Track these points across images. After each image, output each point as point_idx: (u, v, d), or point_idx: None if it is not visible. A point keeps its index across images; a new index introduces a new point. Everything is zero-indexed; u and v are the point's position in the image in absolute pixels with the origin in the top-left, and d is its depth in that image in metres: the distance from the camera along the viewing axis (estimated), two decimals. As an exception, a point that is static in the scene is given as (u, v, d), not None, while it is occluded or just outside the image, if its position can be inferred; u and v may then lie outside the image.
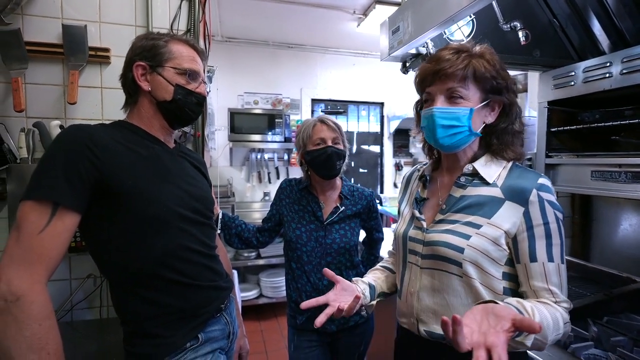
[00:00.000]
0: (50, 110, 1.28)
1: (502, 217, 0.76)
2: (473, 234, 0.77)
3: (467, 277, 0.77)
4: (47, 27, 1.26)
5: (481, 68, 0.77)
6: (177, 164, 0.94)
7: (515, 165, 0.83)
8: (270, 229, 1.41)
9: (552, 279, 0.74)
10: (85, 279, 1.33)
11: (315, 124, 1.30)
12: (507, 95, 0.81)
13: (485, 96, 0.79)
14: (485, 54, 0.80)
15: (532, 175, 0.79)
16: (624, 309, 1.28)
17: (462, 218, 0.79)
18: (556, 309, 0.73)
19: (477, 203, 0.79)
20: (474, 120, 0.79)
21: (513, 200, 0.76)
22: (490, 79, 0.78)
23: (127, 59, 0.91)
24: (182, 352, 0.87)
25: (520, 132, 0.84)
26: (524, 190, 0.76)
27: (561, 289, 0.76)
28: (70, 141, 0.76)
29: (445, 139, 0.79)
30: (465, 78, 0.77)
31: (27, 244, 0.68)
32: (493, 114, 0.81)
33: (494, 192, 0.78)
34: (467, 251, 0.76)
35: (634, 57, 1.17)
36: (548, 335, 0.68)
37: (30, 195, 0.71)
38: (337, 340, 1.32)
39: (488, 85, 0.78)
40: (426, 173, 0.93)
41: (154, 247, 0.83)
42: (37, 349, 0.66)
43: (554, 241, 0.75)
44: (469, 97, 0.78)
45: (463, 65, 0.77)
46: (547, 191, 0.76)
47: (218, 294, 0.97)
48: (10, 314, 0.65)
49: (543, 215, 0.74)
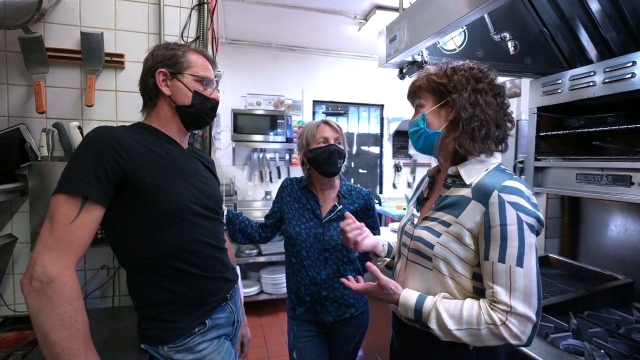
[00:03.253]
0: (69, 112, 1.36)
1: (466, 216, 0.80)
2: (443, 232, 0.83)
3: (438, 272, 0.83)
4: (67, 34, 1.35)
5: (428, 79, 0.89)
6: (190, 164, 1.02)
7: (497, 167, 0.84)
8: (272, 225, 1.49)
9: (499, 280, 0.74)
10: (99, 270, 1.41)
11: (320, 124, 1.39)
12: (455, 91, 0.85)
13: (437, 99, 0.89)
14: (439, 65, 0.91)
15: (503, 177, 0.79)
16: (604, 304, 1.35)
17: (440, 216, 0.85)
18: (478, 307, 0.75)
19: (454, 202, 0.84)
20: (430, 122, 0.89)
21: (477, 199, 0.79)
22: (437, 85, 0.88)
23: (148, 66, 0.98)
24: (190, 336, 0.95)
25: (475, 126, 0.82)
26: (487, 190, 0.78)
27: (511, 291, 0.73)
28: (97, 142, 0.84)
29: (415, 143, 0.94)
30: (416, 91, 0.93)
31: (59, 233, 0.76)
32: (453, 111, 0.86)
33: (467, 193, 0.82)
34: (436, 248, 0.83)
35: (615, 67, 1.24)
36: (449, 325, 0.76)
37: (62, 189, 0.78)
38: (334, 330, 1.40)
39: (437, 91, 0.88)
40: (429, 175, 1.02)
41: (169, 239, 0.91)
42: (68, 325, 0.74)
43: (510, 243, 0.74)
44: (424, 104, 0.91)
45: (417, 82, 0.93)
46: (510, 192, 0.76)
47: (225, 284, 1.05)
48: (45, 294, 0.73)
49: (502, 217, 0.75)
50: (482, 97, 0.84)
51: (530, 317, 0.73)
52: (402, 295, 0.86)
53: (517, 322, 0.73)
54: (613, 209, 1.72)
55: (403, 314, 0.87)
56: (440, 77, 0.87)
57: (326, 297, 1.34)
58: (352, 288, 0.93)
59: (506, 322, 0.73)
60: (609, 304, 1.35)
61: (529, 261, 0.74)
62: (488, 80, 0.86)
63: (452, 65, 0.89)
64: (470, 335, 0.76)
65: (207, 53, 1.06)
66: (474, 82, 0.85)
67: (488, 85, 0.85)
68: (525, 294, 0.73)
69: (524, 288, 0.73)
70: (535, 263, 0.76)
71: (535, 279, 0.75)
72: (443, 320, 0.77)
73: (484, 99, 0.84)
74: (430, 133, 0.89)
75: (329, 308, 1.35)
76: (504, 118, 0.86)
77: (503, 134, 0.86)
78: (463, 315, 0.76)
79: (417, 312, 0.82)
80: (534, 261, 0.75)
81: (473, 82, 0.85)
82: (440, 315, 0.78)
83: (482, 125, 0.82)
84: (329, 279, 1.35)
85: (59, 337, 0.73)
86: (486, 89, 0.85)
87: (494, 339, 0.74)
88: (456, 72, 0.86)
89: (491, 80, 0.86)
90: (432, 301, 0.81)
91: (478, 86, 0.84)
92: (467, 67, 0.87)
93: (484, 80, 0.85)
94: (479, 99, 0.83)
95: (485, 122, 0.83)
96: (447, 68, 0.88)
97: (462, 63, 0.89)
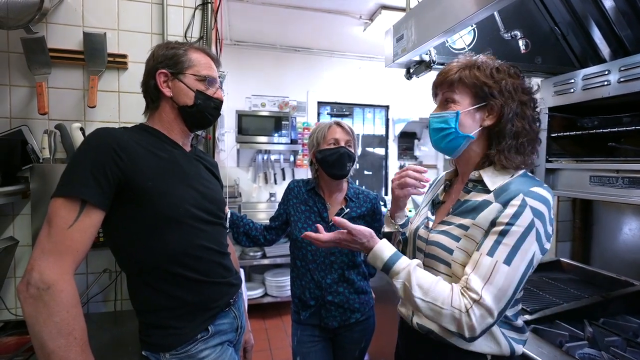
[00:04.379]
0: (71, 113, 1.35)
1: (483, 217, 0.77)
2: (462, 236, 0.79)
3: (457, 278, 0.79)
4: (69, 35, 1.33)
5: (470, 75, 0.82)
6: (193, 167, 1.00)
7: (525, 173, 0.81)
8: (277, 228, 1.46)
9: (479, 270, 0.72)
10: (101, 274, 1.39)
11: (331, 125, 1.37)
12: (502, 98, 0.80)
13: (477, 100, 0.82)
14: (480, 62, 0.84)
15: (531, 182, 0.77)
16: (620, 311, 1.31)
17: (457, 220, 0.82)
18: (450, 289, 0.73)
19: (474, 207, 0.80)
20: (462, 123, 0.82)
21: (497, 201, 0.76)
22: (481, 84, 0.80)
23: (149, 67, 0.96)
24: (193, 343, 0.92)
25: (521, 137, 0.80)
26: (511, 192, 0.75)
27: (486, 283, 0.71)
28: (98, 144, 0.81)
29: (437, 141, 0.86)
30: (453, 83, 0.83)
31: (57, 238, 0.74)
32: (491, 117, 0.82)
33: (488, 197, 0.79)
34: (455, 253, 0.79)
35: (631, 66, 1.20)
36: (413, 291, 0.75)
37: (61, 192, 0.76)
38: (339, 336, 1.36)
39: (479, 91, 0.81)
40: (446, 178, 0.98)
41: (170, 244, 0.89)
42: (65, 333, 0.72)
43: (507, 241, 0.71)
44: (459, 101, 0.83)
45: (453, 73, 0.83)
46: (535, 198, 0.73)
47: (228, 289, 1.02)
48: (41, 301, 0.71)
49: (514, 217, 0.72)
50: (528, 110, 0.81)
51: (492, 313, 0.70)
52: (378, 244, 0.84)
53: (479, 314, 0.70)
54: (627, 212, 1.67)
55: (371, 262, 0.85)
56: (486, 76, 0.80)
57: (331, 302, 1.31)
58: (320, 239, 0.90)
59: (469, 310, 0.70)
60: (625, 311, 1.31)
61: (518, 262, 0.71)
62: (532, 93, 0.83)
63: (495, 64, 0.82)
64: (430, 310, 0.74)
65: (210, 51, 1.03)
66: (521, 93, 0.81)
67: (531, 98, 0.82)
68: (500, 290, 0.70)
69: (501, 286, 0.70)
70: (523, 271, 0.72)
71: (515, 285, 0.71)
72: (411, 284, 0.75)
73: (530, 112, 0.81)
74: (461, 135, 0.82)
75: (333, 313, 1.32)
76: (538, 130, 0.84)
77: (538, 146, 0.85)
78: (432, 289, 0.74)
79: (386, 265, 0.81)
80: (525, 266, 0.72)
81: (520, 92, 0.81)
82: (410, 279, 0.76)
83: (531, 140, 0.81)
84: (334, 284, 1.32)
85: (55, 346, 0.71)
86: (529, 102, 0.82)
87: (451, 323, 0.72)
88: (500, 72, 0.81)
89: (534, 93, 0.83)
90: (406, 263, 0.80)
91: (524, 98, 0.81)
92: (512, 72, 0.82)
93: (530, 92, 0.83)
94: (526, 112, 0.81)
95: (532, 137, 0.81)
96: (492, 67, 0.82)
97: (503, 63, 0.84)
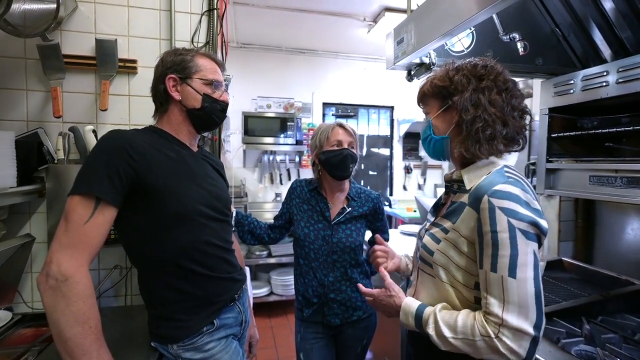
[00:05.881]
0: (84, 116, 1.41)
1: (462, 222, 0.77)
2: (442, 238, 0.81)
3: (439, 280, 0.82)
4: (82, 41, 1.39)
5: (430, 85, 0.88)
6: (200, 166, 1.05)
7: (498, 170, 0.78)
8: (281, 226, 1.50)
9: (491, 290, 0.71)
10: (112, 270, 1.45)
11: (334, 127, 1.38)
12: (457, 93, 0.81)
13: (441, 104, 0.87)
14: (437, 71, 0.89)
15: (497, 179, 0.74)
16: (620, 310, 1.32)
17: (443, 223, 0.84)
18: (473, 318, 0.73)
19: (455, 209, 0.82)
20: (436, 127, 0.88)
21: (471, 205, 0.76)
22: (439, 89, 0.86)
23: (159, 73, 1.01)
24: (199, 335, 0.97)
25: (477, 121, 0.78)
26: (479, 195, 0.74)
27: (503, 303, 0.69)
28: (110, 145, 0.86)
29: (426, 149, 0.93)
30: (423, 98, 0.93)
31: (74, 233, 0.79)
32: (455, 113, 0.83)
33: (464, 198, 0.79)
34: (435, 255, 0.82)
35: (629, 67, 1.21)
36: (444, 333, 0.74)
37: (77, 190, 0.81)
38: (341, 333, 1.40)
39: (439, 95, 0.87)
40: (445, 180, 0.99)
41: (178, 240, 0.93)
42: (82, 322, 0.77)
43: (501, 252, 0.70)
44: (431, 110, 0.90)
45: (420, 90, 0.92)
46: (502, 197, 0.71)
47: (232, 284, 1.07)
48: (60, 292, 0.76)
49: (492, 223, 0.71)
50: (485, 95, 0.79)
51: (526, 330, 0.68)
52: (407, 299, 0.86)
53: (510, 336, 0.68)
54: (630, 212, 1.67)
55: (404, 321, 0.84)
56: (442, 79, 0.85)
57: (333, 300, 1.35)
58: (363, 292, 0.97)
59: (499, 334, 0.68)
60: (625, 310, 1.32)
61: (523, 271, 0.69)
62: (492, 76, 0.80)
63: (455, 65, 0.85)
64: (467, 345, 0.72)
65: (215, 57, 1.08)
66: (475, 81, 0.80)
67: (492, 81, 0.80)
68: (520, 306, 0.68)
69: (519, 300, 0.68)
70: (532, 272, 0.70)
71: (533, 290, 0.69)
72: (440, 327, 0.75)
73: (487, 97, 0.78)
74: (437, 139, 0.88)
75: (336, 310, 1.35)
76: (512, 114, 0.80)
77: (513, 132, 0.80)
78: (458, 324, 0.74)
79: (417, 318, 0.81)
80: (531, 270, 0.69)
81: (474, 81, 0.80)
82: (437, 321, 0.76)
83: (487, 125, 0.77)
84: (336, 282, 1.35)
85: (72, 333, 0.76)
86: (490, 86, 0.79)
87: (492, 352, 0.69)
88: (458, 72, 0.82)
89: (496, 75, 0.80)
90: (431, 309, 0.80)
91: (480, 85, 0.79)
92: (470, 66, 0.82)
93: (487, 77, 0.80)
94: (481, 98, 0.78)
95: (490, 122, 0.77)
96: (449, 69, 0.85)
97: (468, 61, 0.84)
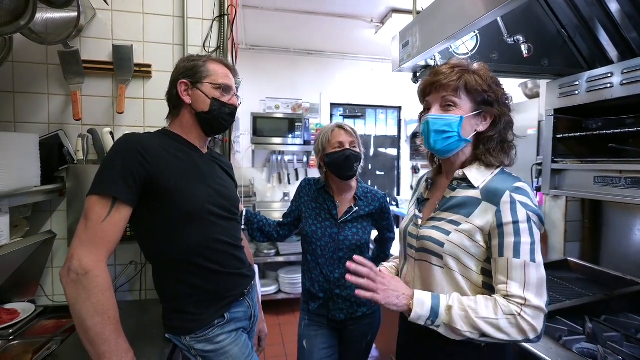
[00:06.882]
0: (102, 119, 1.48)
1: (477, 216, 0.83)
2: (453, 230, 0.85)
3: (448, 269, 0.85)
4: (100, 47, 1.46)
5: (473, 81, 0.86)
6: (209, 167, 1.10)
7: (502, 171, 0.89)
8: (290, 224, 1.54)
9: (513, 274, 0.77)
10: (127, 265, 1.51)
11: (334, 129, 1.42)
12: (498, 107, 0.88)
13: (477, 107, 0.87)
14: (479, 70, 0.89)
15: (511, 179, 0.84)
16: (624, 309, 1.32)
17: (447, 216, 0.88)
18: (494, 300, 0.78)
19: (461, 203, 0.87)
20: (464, 127, 0.87)
21: (488, 200, 0.83)
22: (482, 92, 0.86)
23: (173, 78, 1.07)
24: (210, 328, 1.02)
25: (506, 141, 0.91)
26: (498, 191, 0.82)
27: (524, 285, 0.76)
28: (125, 148, 0.92)
29: (437, 143, 0.88)
30: (458, 89, 0.87)
31: (93, 231, 0.85)
32: (485, 123, 0.89)
33: (475, 194, 0.86)
34: (446, 245, 0.85)
35: (634, 69, 1.22)
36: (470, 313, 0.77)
37: (95, 190, 0.87)
38: (345, 328, 1.43)
39: (479, 98, 0.87)
40: (429, 176, 1.04)
41: (189, 237, 0.98)
42: (101, 312, 0.83)
43: (523, 239, 0.78)
44: (460, 106, 0.87)
45: (456, 78, 0.86)
46: (521, 194, 0.81)
47: (242, 280, 1.12)
48: (81, 285, 0.82)
49: (513, 214, 0.79)
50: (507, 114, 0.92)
51: (542, 308, 0.76)
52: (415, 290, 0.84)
53: (531, 313, 0.75)
54: (637, 213, 1.66)
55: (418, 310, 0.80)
56: (488, 85, 0.88)
57: (339, 295, 1.38)
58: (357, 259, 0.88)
59: (522, 313, 0.75)
60: (629, 310, 1.32)
61: (539, 256, 0.79)
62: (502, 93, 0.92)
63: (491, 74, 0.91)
64: (490, 326, 0.76)
65: (227, 62, 1.13)
66: (508, 105, 0.92)
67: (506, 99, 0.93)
68: (537, 287, 0.77)
69: (536, 282, 0.77)
70: (542, 260, 0.80)
71: (544, 275, 0.79)
72: (464, 307, 0.78)
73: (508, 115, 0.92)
74: (462, 139, 0.88)
75: (341, 306, 1.39)
76: None
77: None
78: (479, 305, 0.78)
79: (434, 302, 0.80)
80: (542, 259, 0.80)
81: (509, 104, 0.92)
82: (461, 302, 0.79)
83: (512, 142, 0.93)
84: (342, 278, 1.39)
85: (93, 323, 0.82)
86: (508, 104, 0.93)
87: (514, 329, 0.75)
88: (495, 83, 0.90)
89: None
90: (447, 296, 0.82)
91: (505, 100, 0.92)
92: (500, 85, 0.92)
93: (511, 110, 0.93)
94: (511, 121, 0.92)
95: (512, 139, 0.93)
96: (490, 76, 0.90)
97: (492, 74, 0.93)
